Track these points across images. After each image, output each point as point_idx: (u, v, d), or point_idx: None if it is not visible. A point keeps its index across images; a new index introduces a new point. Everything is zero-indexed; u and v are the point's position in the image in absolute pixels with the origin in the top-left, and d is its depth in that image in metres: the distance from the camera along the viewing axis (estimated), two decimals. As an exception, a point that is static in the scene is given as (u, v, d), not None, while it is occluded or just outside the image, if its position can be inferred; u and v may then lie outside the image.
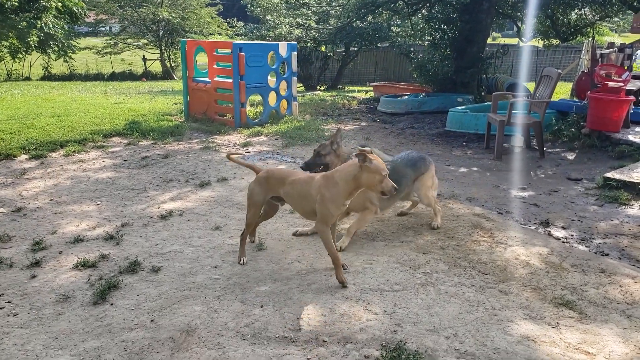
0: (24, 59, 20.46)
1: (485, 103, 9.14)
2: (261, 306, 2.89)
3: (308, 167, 3.82)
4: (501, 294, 3.05)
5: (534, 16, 11.16)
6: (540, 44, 12.99)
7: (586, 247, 3.84)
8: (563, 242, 3.92)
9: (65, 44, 20.97)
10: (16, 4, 17.36)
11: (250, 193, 3.45)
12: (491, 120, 6.81)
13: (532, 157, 6.54)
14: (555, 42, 12.17)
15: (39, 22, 18.80)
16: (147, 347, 2.53)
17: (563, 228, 4.19)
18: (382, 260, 3.49)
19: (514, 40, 19.98)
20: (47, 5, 19.09)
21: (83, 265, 3.42)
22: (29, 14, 18.42)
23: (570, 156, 6.55)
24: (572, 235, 4.05)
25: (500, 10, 11.44)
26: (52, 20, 19.85)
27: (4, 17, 17.39)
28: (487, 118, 6.96)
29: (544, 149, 6.57)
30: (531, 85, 11.23)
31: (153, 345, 2.55)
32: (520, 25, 12.13)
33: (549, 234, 4.07)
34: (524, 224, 4.28)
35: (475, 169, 6.09)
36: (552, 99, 6.86)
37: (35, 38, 18.73)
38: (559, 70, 6.53)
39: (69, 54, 21.38)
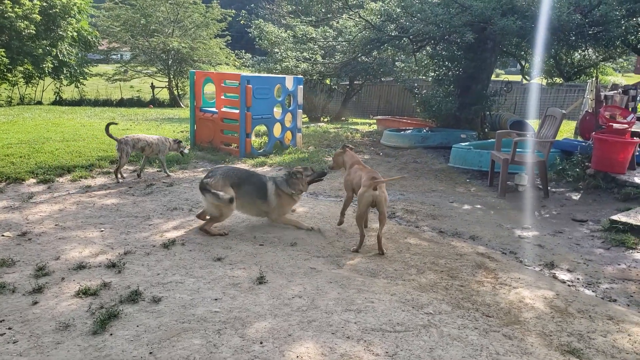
0: (37, 84, 20.88)
1: (489, 140, 9.20)
2: (261, 342, 2.86)
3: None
4: (505, 339, 3.00)
5: (538, 55, 11.36)
6: (544, 82, 13.17)
7: (593, 291, 3.79)
8: (569, 285, 3.88)
9: (78, 71, 21.46)
10: (33, 32, 17.87)
11: None
12: (495, 158, 6.85)
13: (536, 196, 6.53)
14: (558, 80, 12.33)
15: (54, 49, 19.30)
16: (145, 382, 2.49)
17: (568, 271, 4.15)
18: (384, 298, 3.46)
19: (517, 78, 20.29)
20: (64, 34, 19.66)
21: (84, 293, 3.40)
22: (45, 41, 18.94)
23: (575, 196, 6.54)
24: (578, 279, 4.00)
25: (505, 49, 11.65)
26: (67, 48, 20.39)
27: (21, 43, 17.88)
28: (491, 155, 7.00)
29: (548, 188, 6.57)
30: (535, 123, 11.33)
31: (150, 380, 2.51)
32: (523, 64, 12.33)
33: (554, 277, 4.03)
34: (529, 265, 4.24)
35: (478, 206, 6.09)
36: (556, 139, 6.90)
37: (49, 64, 19.21)
38: (563, 111, 6.59)
39: (81, 80, 21.84)
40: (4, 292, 3.41)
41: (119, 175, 6.70)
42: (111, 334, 2.91)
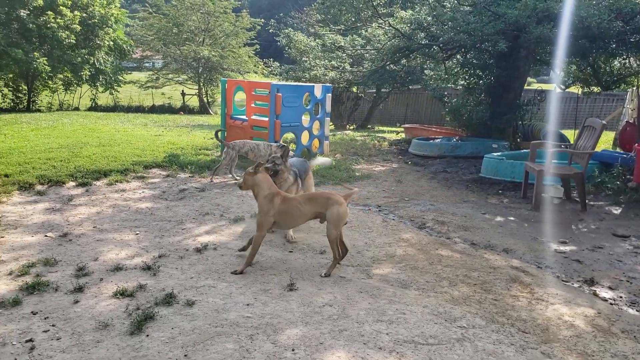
0: (75, 91, 21.66)
1: (522, 150, 9.01)
2: (293, 349, 2.86)
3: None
4: (544, 357, 2.91)
5: (574, 64, 11.04)
6: (579, 91, 12.79)
7: (637, 311, 3.64)
8: (611, 304, 3.73)
9: (113, 78, 22.17)
10: (73, 41, 18.61)
11: None
12: (529, 169, 6.70)
13: (572, 209, 6.34)
14: (596, 89, 11.96)
15: (91, 58, 20.04)
16: (180, 385, 2.52)
17: (610, 288, 4.00)
18: (416, 310, 3.42)
19: (549, 86, 19.82)
20: (101, 43, 20.43)
21: (122, 294, 3.49)
22: (84, 50, 19.70)
23: (616, 211, 6.32)
24: (620, 297, 3.85)
25: (538, 57, 11.41)
26: (103, 56, 21.14)
27: (62, 52, 18.65)
28: (525, 167, 6.84)
29: (586, 201, 6.37)
30: (568, 132, 11.02)
31: (185, 383, 2.54)
32: (558, 73, 12.04)
33: (595, 294, 3.88)
34: (566, 281, 4.11)
35: (512, 218, 5.96)
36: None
37: (87, 72, 19.97)
38: (604, 122, 6.38)
39: (115, 87, 22.54)
40: (48, 290, 3.54)
41: (214, 175, 7.43)
42: (147, 335, 2.96)
